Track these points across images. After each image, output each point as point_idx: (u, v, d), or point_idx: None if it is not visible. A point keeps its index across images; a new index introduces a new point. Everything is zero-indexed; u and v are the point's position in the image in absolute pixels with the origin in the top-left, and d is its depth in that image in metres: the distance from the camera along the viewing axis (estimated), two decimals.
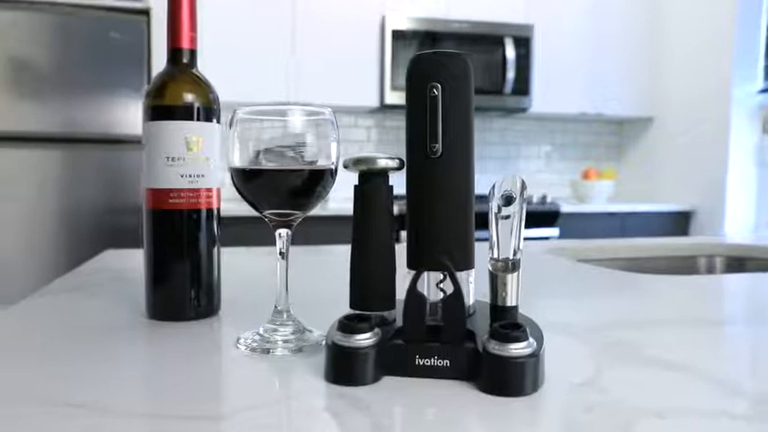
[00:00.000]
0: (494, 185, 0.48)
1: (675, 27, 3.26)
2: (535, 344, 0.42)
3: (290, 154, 0.51)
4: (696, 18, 3.15)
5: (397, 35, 2.89)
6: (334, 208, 2.59)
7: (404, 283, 0.46)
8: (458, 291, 0.44)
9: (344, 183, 0.66)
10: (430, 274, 0.47)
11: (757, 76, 3.00)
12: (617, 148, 3.71)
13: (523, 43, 3.04)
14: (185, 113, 0.60)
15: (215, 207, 0.63)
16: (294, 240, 0.58)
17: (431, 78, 0.45)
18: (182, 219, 0.61)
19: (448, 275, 0.45)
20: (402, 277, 0.47)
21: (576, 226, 2.94)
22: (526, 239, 0.54)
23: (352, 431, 0.36)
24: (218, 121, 0.62)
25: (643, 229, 3.02)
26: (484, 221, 0.48)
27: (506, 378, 0.41)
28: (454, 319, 0.44)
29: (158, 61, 2.36)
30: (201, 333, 0.57)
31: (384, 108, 3.01)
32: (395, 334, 0.45)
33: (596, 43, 3.24)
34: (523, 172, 3.54)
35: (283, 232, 0.54)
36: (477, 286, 0.49)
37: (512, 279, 0.47)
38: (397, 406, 0.40)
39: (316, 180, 0.52)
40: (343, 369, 0.43)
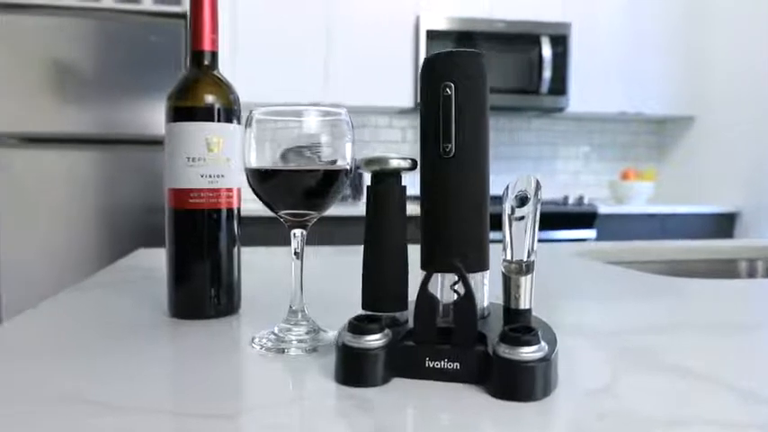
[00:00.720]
0: (507, 186, 0.48)
1: (716, 23, 3.16)
2: (547, 348, 0.41)
3: (306, 154, 0.51)
4: (738, 13, 3.04)
5: (432, 35, 2.88)
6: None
7: (418, 283, 0.45)
8: (469, 293, 0.43)
9: None
10: (444, 275, 0.46)
11: None
12: (657, 148, 3.61)
13: (560, 42, 2.99)
14: (206, 115, 0.61)
15: (235, 207, 0.64)
16: (324, 240, 0.59)
17: (444, 78, 0.45)
18: (202, 218, 0.62)
19: (459, 277, 0.44)
20: (416, 278, 0.47)
21: (614, 228, 2.87)
22: (560, 241, 0.53)
23: None
24: (239, 123, 0.63)
25: (684, 232, 2.93)
26: (498, 222, 0.48)
27: (516, 382, 0.40)
28: (465, 321, 0.43)
29: None
30: (221, 331, 0.58)
31: (418, 108, 2.99)
32: (405, 335, 0.45)
33: (634, 41, 3.16)
34: (561, 173, 3.48)
35: (298, 232, 0.54)
36: (493, 288, 0.48)
37: (525, 281, 0.46)
38: (405, 408, 0.39)
39: (331, 180, 0.52)
40: (353, 370, 0.43)
